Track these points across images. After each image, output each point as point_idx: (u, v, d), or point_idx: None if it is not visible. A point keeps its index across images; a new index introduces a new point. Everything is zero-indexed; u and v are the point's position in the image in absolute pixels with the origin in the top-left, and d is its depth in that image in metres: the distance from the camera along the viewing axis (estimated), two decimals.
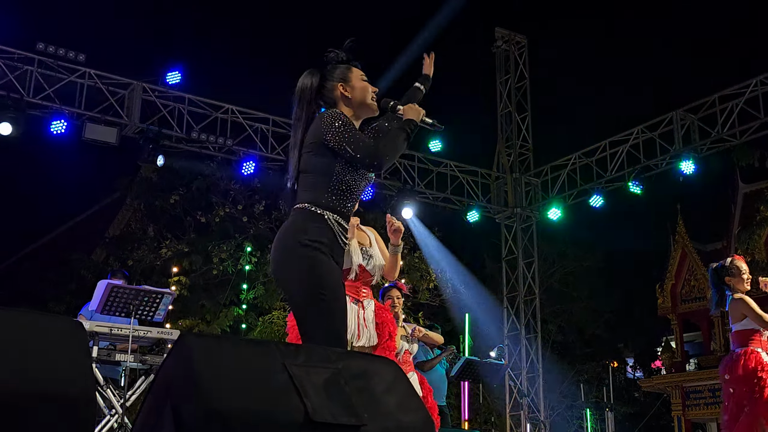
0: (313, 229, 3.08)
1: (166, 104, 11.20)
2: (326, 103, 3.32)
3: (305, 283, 3.04)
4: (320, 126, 3.16)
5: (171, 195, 14.94)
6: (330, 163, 3.14)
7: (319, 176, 3.15)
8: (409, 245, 16.04)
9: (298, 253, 3.05)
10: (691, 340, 22.40)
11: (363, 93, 3.33)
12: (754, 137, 11.42)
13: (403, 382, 2.72)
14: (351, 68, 3.37)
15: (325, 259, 3.07)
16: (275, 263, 3.17)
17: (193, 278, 14.94)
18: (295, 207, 3.16)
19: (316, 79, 3.32)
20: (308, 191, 3.15)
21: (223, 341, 2.40)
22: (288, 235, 3.11)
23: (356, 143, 3.10)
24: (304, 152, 3.20)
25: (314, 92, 3.31)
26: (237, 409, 2.12)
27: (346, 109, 3.29)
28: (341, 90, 3.30)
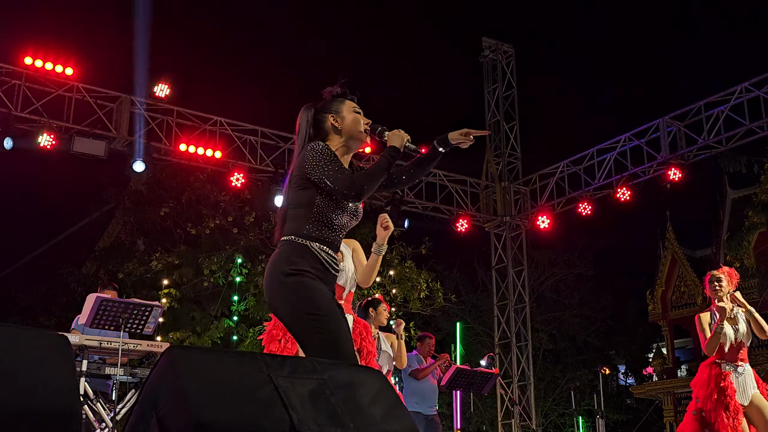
0: (297, 260, 3.14)
1: (155, 117, 11.21)
2: (320, 135, 3.38)
3: (296, 307, 3.09)
4: (303, 159, 3.24)
5: (161, 207, 14.93)
6: (311, 196, 3.21)
7: (300, 209, 3.22)
8: (400, 256, 16.07)
9: (285, 281, 3.11)
10: (682, 346, 22.51)
11: (353, 124, 3.39)
12: (740, 143, 11.49)
13: (388, 392, 2.74)
14: (344, 101, 3.45)
15: (313, 282, 3.12)
16: (267, 295, 3.23)
17: (184, 290, 14.92)
18: (282, 239, 3.23)
19: (311, 113, 3.41)
20: (291, 223, 3.23)
21: (209, 353, 2.42)
22: (274, 266, 3.17)
23: (334, 175, 3.17)
24: (290, 185, 3.28)
25: (310, 126, 3.39)
26: (223, 421, 2.13)
27: (337, 139, 3.37)
28: (332, 121, 3.38)
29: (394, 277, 15.69)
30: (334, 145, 3.36)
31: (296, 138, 3.41)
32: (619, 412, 22.63)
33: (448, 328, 19.89)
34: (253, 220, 14.99)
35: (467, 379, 8.56)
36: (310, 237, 3.19)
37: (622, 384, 25.31)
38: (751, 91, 11.12)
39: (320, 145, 3.26)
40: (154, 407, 2.17)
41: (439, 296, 16.51)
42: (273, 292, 3.17)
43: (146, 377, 2.23)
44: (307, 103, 3.47)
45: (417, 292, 15.89)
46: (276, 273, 3.15)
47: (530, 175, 14.46)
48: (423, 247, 16.58)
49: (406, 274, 15.86)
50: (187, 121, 11.52)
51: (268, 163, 11.96)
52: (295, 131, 3.43)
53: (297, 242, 3.18)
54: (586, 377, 21.74)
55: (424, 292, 16.03)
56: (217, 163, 11.73)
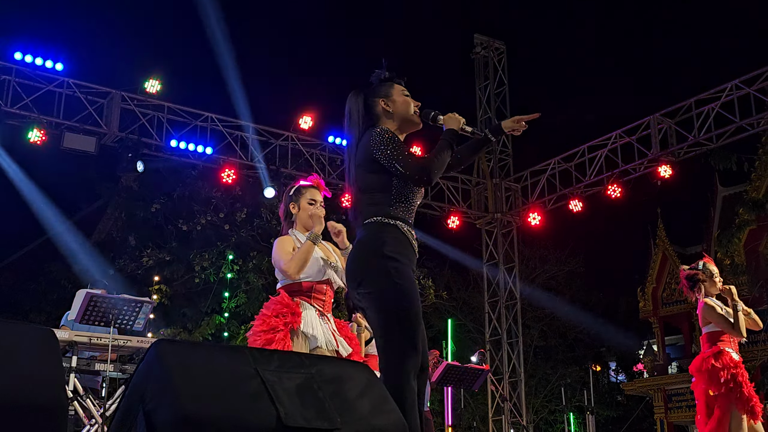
0: (391, 240, 3.21)
1: (145, 113, 11.19)
2: (371, 120, 3.43)
3: (391, 295, 3.14)
4: (369, 144, 3.28)
5: (152, 203, 14.91)
6: (386, 179, 3.27)
7: (379, 192, 3.28)
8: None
9: (381, 265, 3.17)
10: (673, 343, 22.55)
11: (404, 107, 3.45)
12: (730, 141, 11.52)
13: (376, 386, 2.74)
14: (393, 84, 3.49)
15: (406, 270, 3.20)
16: (356, 276, 3.25)
17: (175, 287, 14.92)
18: (366, 222, 3.27)
19: (361, 98, 3.46)
20: (374, 206, 3.28)
21: (196, 347, 2.42)
22: (368, 248, 3.23)
23: (405, 160, 3.22)
24: (359, 170, 3.33)
25: (361, 111, 3.44)
26: (209, 415, 2.13)
27: (390, 124, 3.42)
28: (383, 105, 3.44)
29: None
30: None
31: (347, 123, 3.46)
32: (610, 408, 22.69)
33: (440, 325, 19.90)
34: (245, 217, 14.98)
35: (458, 376, 8.58)
36: (397, 217, 3.26)
37: (613, 381, 25.38)
38: (741, 88, 11.15)
39: (384, 130, 3.31)
40: (141, 401, 2.17)
41: (430, 293, 16.54)
42: (366, 272, 3.20)
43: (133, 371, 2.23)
44: (354, 89, 3.51)
45: None
46: (372, 253, 3.20)
47: (521, 172, 14.47)
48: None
49: None
50: (178, 116, 11.50)
51: (259, 159, 11.95)
52: (346, 117, 3.48)
53: (387, 222, 3.25)
54: (577, 374, 21.79)
55: None
56: (208, 159, 11.71)
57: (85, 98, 10.76)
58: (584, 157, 13.08)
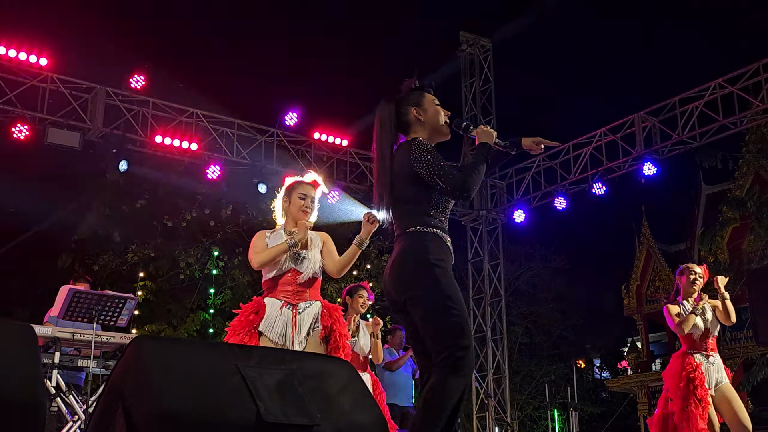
0: (433, 248, 3.32)
1: (130, 108, 11.15)
2: (401, 128, 3.54)
3: (438, 301, 3.23)
4: (410, 157, 3.37)
5: (137, 199, 14.85)
6: (426, 191, 3.37)
7: (418, 203, 3.39)
8: (377, 249, 16.09)
9: (428, 272, 3.28)
10: (657, 340, 22.67)
11: (435, 117, 3.55)
12: (714, 139, 11.59)
13: (357, 382, 2.76)
14: (424, 94, 3.59)
15: (450, 275, 3.32)
16: (402, 283, 3.35)
17: (160, 283, 14.87)
18: (408, 231, 3.38)
19: (393, 106, 3.56)
20: (414, 216, 3.39)
21: (176, 343, 2.43)
22: (413, 256, 3.34)
23: (445, 176, 3.32)
24: (397, 180, 3.42)
25: (393, 118, 3.54)
26: (189, 411, 2.14)
27: (421, 132, 3.52)
28: (415, 114, 3.53)
29: (371, 271, 15.71)
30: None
31: (377, 129, 3.56)
32: (594, 405, 22.81)
33: None
34: (230, 213, 14.94)
35: None
36: (437, 227, 3.38)
37: (597, 377, 25.50)
38: (724, 87, 11.21)
39: (423, 143, 3.40)
40: (120, 397, 2.18)
41: None
42: (413, 280, 3.31)
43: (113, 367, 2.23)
44: (386, 96, 3.60)
45: None
46: (417, 262, 3.31)
47: (507, 170, 14.51)
48: None
49: (383, 267, 15.89)
50: (163, 112, 11.47)
51: (245, 156, 11.94)
52: (376, 123, 3.57)
53: (428, 231, 3.35)
54: (562, 371, 21.89)
55: None
56: (194, 155, 11.68)
57: (70, 93, 10.71)
58: (569, 155, 13.12)
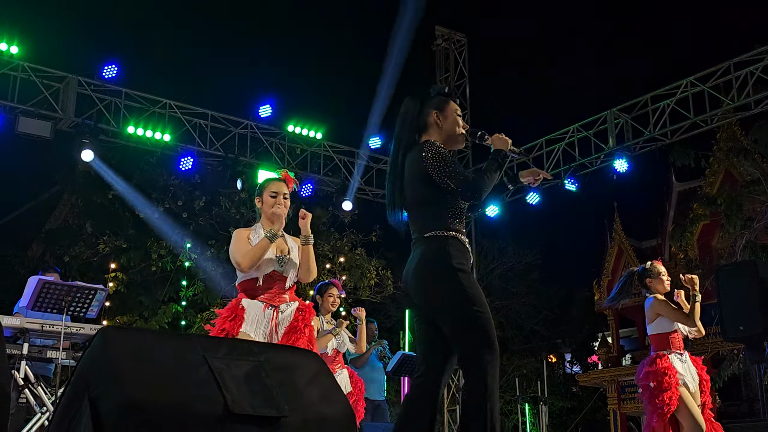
0: (455, 253, 3.36)
1: (102, 98, 11.07)
2: (420, 128, 3.61)
3: (465, 306, 3.29)
4: (422, 159, 3.42)
5: (109, 190, 14.73)
6: (442, 195, 3.42)
7: (435, 206, 3.43)
8: (350, 243, 16.09)
9: (452, 278, 3.32)
10: (627, 336, 22.85)
11: (454, 125, 3.62)
12: (685, 136, 11.70)
13: (325, 375, 2.77)
14: (448, 101, 3.66)
15: (473, 278, 3.38)
16: (426, 288, 3.39)
17: (132, 274, 14.76)
18: (426, 235, 3.41)
19: (417, 105, 3.63)
20: (432, 220, 3.43)
21: (143, 334, 2.42)
22: (435, 261, 3.37)
23: (457, 179, 3.36)
24: (412, 184, 3.47)
25: (416, 116, 3.61)
26: (155, 402, 2.14)
27: (436, 136, 3.57)
28: (435, 118, 3.60)
29: (344, 264, 15.70)
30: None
31: (399, 125, 3.61)
32: (565, 399, 22.96)
33: (398, 315, 19.98)
34: (203, 205, 14.87)
35: (413, 366, 8.62)
36: (456, 230, 3.42)
37: (567, 372, 25.67)
38: (696, 85, 11.32)
39: (436, 145, 3.45)
40: (86, 388, 2.17)
41: (389, 284, 16.57)
42: (437, 284, 3.35)
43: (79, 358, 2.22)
44: (411, 95, 3.67)
45: (367, 279, 15.92)
46: (440, 267, 3.34)
47: (480, 164, 14.51)
48: (374, 235, 16.61)
49: (356, 261, 15.88)
50: (136, 102, 11.39)
51: (218, 148, 11.89)
52: (400, 118, 3.62)
53: (448, 235, 3.39)
54: (533, 365, 22.02)
55: (374, 280, 16.07)
56: (166, 146, 11.62)
57: (41, 82, 10.61)
58: (542, 151, 13.18)
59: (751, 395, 19.09)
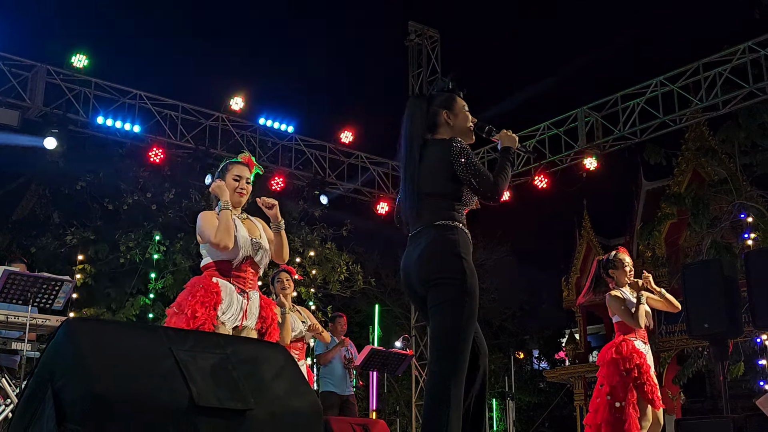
0: (462, 242, 3.47)
1: (72, 88, 10.95)
2: (429, 126, 3.67)
3: (461, 295, 3.38)
4: (446, 155, 3.51)
5: (77, 181, 14.59)
6: (458, 188, 3.53)
7: (448, 198, 3.53)
8: (321, 237, 16.07)
9: (458, 265, 3.42)
10: (595, 332, 23.01)
11: (463, 122, 3.71)
12: (654, 136, 11.81)
13: (292, 367, 2.77)
14: (455, 97, 3.75)
15: (474, 269, 3.49)
16: (431, 269, 3.46)
17: (99, 266, 14.64)
18: (436, 224, 3.50)
19: (425, 104, 3.71)
20: (443, 210, 3.52)
21: (108, 325, 2.41)
22: (444, 247, 3.46)
23: (479, 177, 3.47)
24: (428, 175, 3.54)
25: (424, 116, 3.67)
26: (119, 394, 2.12)
27: (447, 133, 3.65)
28: (444, 117, 3.68)
29: (314, 258, 15.68)
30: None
31: (407, 125, 3.67)
32: (532, 395, 23.10)
33: (367, 310, 20.00)
34: (173, 197, 14.78)
35: (381, 360, 8.65)
36: (460, 221, 3.54)
37: (535, 368, 25.84)
38: (665, 85, 11.43)
39: (464, 144, 3.54)
40: (50, 379, 2.15)
41: (359, 279, 16.58)
42: (444, 270, 3.42)
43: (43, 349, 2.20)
44: (416, 94, 3.72)
45: (337, 273, 15.92)
46: (448, 253, 3.44)
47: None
48: (344, 229, 16.62)
49: (326, 255, 15.87)
50: (106, 93, 11.28)
51: (188, 139, 11.82)
52: (405, 119, 3.68)
53: (455, 225, 3.50)
54: (501, 361, 22.14)
55: (344, 274, 16.07)
56: (136, 137, 11.53)
57: (9, 71, 10.48)
58: None
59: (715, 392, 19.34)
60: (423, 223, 3.54)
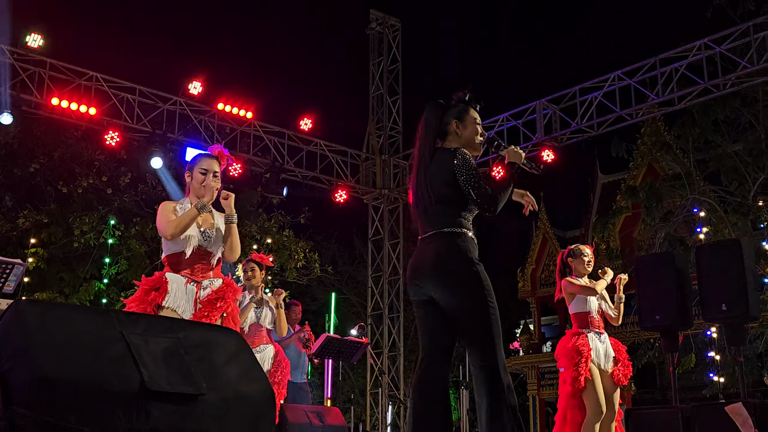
0: (472, 248, 3.65)
1: (26, 68, 10.75)
2: (440, 135, 3.83)
3: (479, 296, 3.56)
4: (451, 164, 3.65)
5: (31, 163, 14.36)
6: (463, 197, 3.66)
7: (455, 205, 3.67)
8: (278, 224, 16.02)
9: (470, 269, 3.59)
10: (549, 323, 23.30)
11: (472, 135, 3.83)
12: (611, 129, 11.93)
13: (246, 353, 2.75)
14: (469, 109, 3.88)
15: (484, 271, 3.64)
16: (445, 275, 3.62)
17: (52, 250, 14.45)
18: (444, 230, 3.65)
19: (439, 113, 3.84)
20: (452, 217, 3.67)
21: (58, 308, 2.37)
22: (456, 254, 3.61)
23: (478, 189, 3.61)
24: (436, 183, 3.68)
25: (437, 124, 3.82)
26: (68, 377, 2.10)
27: (455, 143, 3.79)
28: (454, 127, 3.82)
29: (271, 246, 15.63)
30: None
31: (421, 132, 3.82)
32: None
33: (324, 298, 19.99)
34: (129, 181, 14.62)
35: (337, 348, 8.65)
36: (468, 228, 3.69)
37: None
38: (623, 79, 11.53)
39: (467, 155, 3.68)
40: None
41: (315, 266, 16.57)
42: (457, 276, 3.60)
43: None
44: (433, 101, 3.88)
45: (294, 261, 15.89)
46: (459, 258, 3.60)
47: (410, 150, 14.58)
48: (302, 217, 16.58)
49: (283, 242, 15.83)
50: (61, 74, 11.09)
51: (145, 123, 11.67)
52: (420, 125, 3.84)
53: (463, 232, 3.66)
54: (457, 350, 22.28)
55: (301, 262, 16.04)
56: (92, 120, 11.34)
57: None
58: None
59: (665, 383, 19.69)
60: (433, 229, 3.70)
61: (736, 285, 6.98)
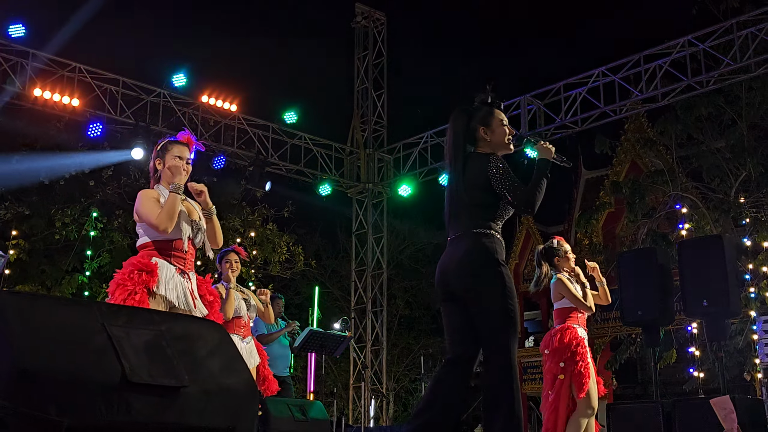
0: (499, 250, 3.73)
1: (8, 59, 10.67)
2: (470, 143, 3.90)
3: (503, 297, 3.62)
4: (485, 169, 3.74)
5: (13, 154, 14.25)
6: (495, 200, 3.76)
7: (486, 208, 3.76)
8: (262, 218, 15.99)
9: (497, 271, 3.66)
10: (532, 318, 23.32)
11: (501, 137, 3.90)
12: (595, 125, 11.97)
13: (227, 345, 2.75)
14: (493, 111, 3.94)
15: (510, 275, 3.71)
16: (471, 276, 3.69)
17: (34, 242, 14.37)
18: (474, 231, 3.73)
19: (466, 119, 3.91)
20: (482, 220, 3.75)
21: (39, 299, 2.36)
22: (484, 255, 3.69)
23: (514, 191, 3.71)
24: (470, 186, 3.77)
25: (465, 130, 3.89)
26: (49, 369, 2.09)
27: (486, 148, 3.87)
28: (482, 134, 3.88)
29: (255, 239, 15.61)
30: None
31: (451, 140, 3.91)
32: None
33: (307, 291, 19.96)
34: (112, 173, 14.55)
35: (320, 341, 8.64)
36: (496, 230, 3.78)
37: None
38: (607, 75, 11.57)
39: (501, 160, 3.78)
40: None
41: (299, 260, 16.55)
42: (483, 276, 3.67)
43: None
44: (459, 108, 3.96)
45: (278, 255, 15.87)
46: (488, 259, 3.67)
47: (395, 144, 14.61)
48: (285, 210, 16.55)
49: (267, 236, 15.81)
50: (44, 65, 11.01)
51: (129, 115, 11.61)
52: (450, 133, 3.93)
53: (492, 234, 3.74)
54: (439, 344, 22.33)
55: (284, 255, 16.03)
56: (75, 111, 11.27)
57: None
58: None
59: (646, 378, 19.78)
60: (462, 230, 3.78)
61: (717, 281, 7.04)
